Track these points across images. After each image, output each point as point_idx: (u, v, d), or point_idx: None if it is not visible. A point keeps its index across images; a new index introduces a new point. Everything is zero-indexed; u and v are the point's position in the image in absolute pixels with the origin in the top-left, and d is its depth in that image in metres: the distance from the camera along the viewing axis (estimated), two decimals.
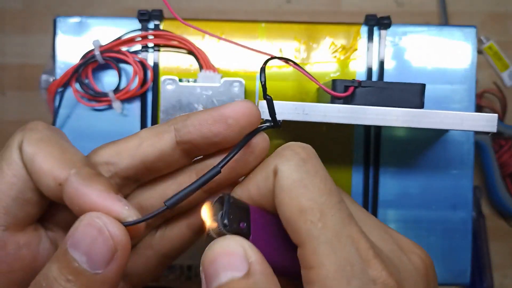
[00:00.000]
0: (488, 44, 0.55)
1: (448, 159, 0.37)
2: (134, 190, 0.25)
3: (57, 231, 0.24)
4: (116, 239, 0.20)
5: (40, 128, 0.23)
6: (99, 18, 0.38)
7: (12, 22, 0.56)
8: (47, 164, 0.21)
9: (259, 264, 0.20)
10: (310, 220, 0.20)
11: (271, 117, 0.24)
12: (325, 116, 0.29)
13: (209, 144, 0.23)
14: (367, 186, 0.37)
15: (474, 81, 0.38)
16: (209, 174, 0.22)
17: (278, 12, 0.56)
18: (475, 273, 0.54)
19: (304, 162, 0.21)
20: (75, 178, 0.21)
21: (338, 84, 0.30)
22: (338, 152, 0.37)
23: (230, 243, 0.20)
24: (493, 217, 0.56)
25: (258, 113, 0.23)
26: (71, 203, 0.21)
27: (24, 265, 0.23)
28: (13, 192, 0.22)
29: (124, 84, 0.37)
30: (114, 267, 0.20)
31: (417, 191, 0.38)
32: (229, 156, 0.22)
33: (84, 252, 0.20)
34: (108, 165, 0.24)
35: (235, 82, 0.36)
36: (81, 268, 0.20)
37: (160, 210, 0.21)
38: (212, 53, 0.37)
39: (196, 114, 0.23)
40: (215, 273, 0.20)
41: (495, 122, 0.29)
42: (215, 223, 0.21)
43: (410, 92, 0.30)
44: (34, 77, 0.42)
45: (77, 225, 0.20)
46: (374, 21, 0.38)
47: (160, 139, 0.23)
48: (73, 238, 0.20)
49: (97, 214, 0.20)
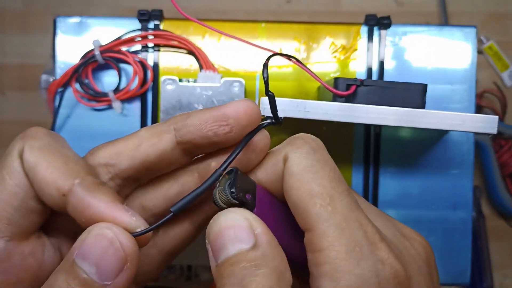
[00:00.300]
0: (488, 44, 0.55)
1: (448, 159, 0.37)
2: (136, 190, 0.25)
3: (60, 237, 0.24)
4: (127, 250, 0.20)
5: (41, 135, 0.23)
6: (99, 18, 0.38)
7: (12, 22, 0.56)
8: (49, 174, 0.21)
9: (265, 235, 0.20)
10: (320, 203, 0.20)
11: (273, 114, 0.24)
12: (326, 114, 0.29)
13: (209, 144, 0.23)
14: (367, 186, 0.37)
15: (474, 81, 0.38)
16: (212, 177, 0.22)
17: (278, 12, 0.56)
18: (475, 273, 0.54)
19: (314, 151, 0.22)
20: (80, 189, 0.21)
21: (340, 82, 0.30)
22: (338, 152, 0.37)
23: (235, 215, 0.21)
24: (493, 217, 0.56)
25: (258, 112, 0.23)
26: (76, 214, 0.21)
27: (30, 274, 0.23)
28: (16, 202, 0.22)
29: (124, 84, 0.37)
30: (124, 278, 0.20)
31: (417, 191, 0.38)
32: (231, 156, 0.22)
33: (94, 263, 0.20)
34: (107, 166, 0.23)
35: (235, 82, 0.36)
36: (90, 280, 0.20)
37: (167, 218, 0.21)
38: (212, 53, 0.37)
39: (196, 113, 0.23)
40: (223, 246, 0.20)
41: (495, 124, 0.29)
42: (222, 191, 0.21)
43: (412, 92, 0.30)
44: (34, 77, 0.42)
45: (85, 236, 0.20)
46: (374, 21, 0.38)
47: (160, 139, 0.23)
48: (81, 248, 0.20)
49: (107, 224, 0.20)
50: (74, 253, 0.20)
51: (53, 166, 0.21)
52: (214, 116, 0.23)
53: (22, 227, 0.22)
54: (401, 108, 0.29)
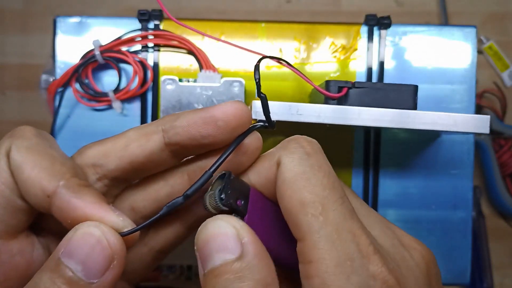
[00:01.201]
0: (488, 44, 0.55)
1: (448, 159, 0.37)
2: (125, 191, 0.25)
3: (49, 236, 0.24)
4: (114, 248, 0.20)
5: (29, 135, 0.22)
6: (99, 18, 0.38)
7: (12, 22, 0.56)
8: (35, 175, 0.21)
9: (252, 245, 0.20)
10: (311, 213, 0.20)
11: (265, 116, 0.24)
12: (318, 116, 0.29)
13: (198, 146, 0.23)
14: (367, 186, 0.37)
15: (474, 81, 0.38)
16: (201, 179, 0.21)
17: (278, 12, 0.56)
18: (475, 273, 0.54)
19: (308, 156, 0.21)
20: (64, 191, 0.21)
21: (331, 84, 0.30)
22: (338, 154, 0.37)
23: (221, 223, 0.20)
24: (493, 217, 0.56)
25: (248, 114, 0.23)
26: (61, 215, 0.21)
27: (19, 273, 0.22)
28: (2, 200, 0.22)
29: (124, 84, 0.37)
30: (110, 276, 0.20)
31: (417, 191, 0.38)
32: (221, 158, 0.22)
33: (80, 261, 0.20)
34: (95, 167, 0.23)
35: (235, 82, 0.36)
36: (75, 277, 0.19)
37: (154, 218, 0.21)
38: (212, 53, 0.37)
39: (185, 114, 0.23)
40: (209, 255, 0.20)
41: (487, 124, 0.29)
42: (212, 196, 0.21)
43: (403, 93, 0.31)
44: (34, 77, 0.42)
45: (72, 234, 0.20)
46: (374, 21, 0.38)
47: (148, 140, 0.23)
48: (67, 247, 0.20)
49: (94, 223, 0.20)
50: (60, 251, 0.20)
51: (39, 166, 0.21)
52: (202, 118, 0.22)
53: (9, 226, 0.22)
54: (392, 110, 0.29)
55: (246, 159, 0.23)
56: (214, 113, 0.22)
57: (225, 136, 0.22)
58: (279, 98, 0.37)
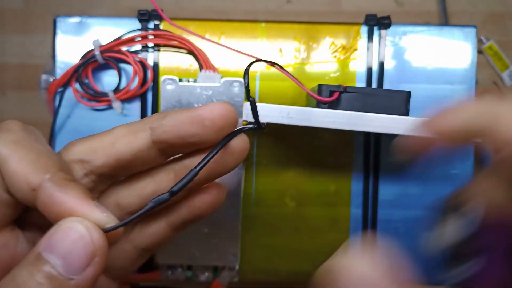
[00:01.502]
0: (488, 44, 0.55)
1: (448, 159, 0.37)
2: (111, 188, 0.25)
3: (34, 231, 0.24)
4: (96, 244, 0.20)
5: (15, 129, 0.23)
6: (99, 18, 0.38)
7: (12, 22, 0.55)
8: (20, 168, 0.21)
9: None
10: None
11: (254, 119, 0.24)
12: (309, 120, 0.29)
13: (185, 145, 0.23)
14: (367, 186, 0.37)
15: (474, 81, 0.38)
16: (187, 177, 0.22)
17: (278, 12, 0.56)
18: None
19: None
20: (49, 184, 0.21)
21: (323, 89, 0.31)
22: (338, 157, 0.37)
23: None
24: None
25: (235, 114, 0.23)
26: (45, 209, 0.21)
27: (2, 266, 0.22)
28: None
29: (124, 84, 0.37)
30: (90, 273, 0.20)
31: (417, 191, 0.38)
32: (207, 158, 0.22)
33: (61, 256, 0.19)
34: (82, 163, 0.23)
35: (235, 82, 0.36)
36: (54, 272, 0.19)
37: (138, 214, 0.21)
38: (212, 53, 0.37)
39: (172, 113, 0.23)
40: None
41: None
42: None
43: (396, 99, 0.31)
44: (34, 77, 0.42)
45: (55, 229, 0.20)
46: (374, 21, 0.38)
47: (136, 137, 0.23)
48: (49, 241, 0.20)
49: (78, 218, 0.20)
50: (41, 245, 0.20)
51: (25, 160, 0.21)
52: (189, 117, 0.23)
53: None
54: (383, 115, 0.29)
55: (231, 159, 0.23)
56: (201, 112, 0.22)
57: (211, 135, 0.23)
58: (279, 98, 0.37)
